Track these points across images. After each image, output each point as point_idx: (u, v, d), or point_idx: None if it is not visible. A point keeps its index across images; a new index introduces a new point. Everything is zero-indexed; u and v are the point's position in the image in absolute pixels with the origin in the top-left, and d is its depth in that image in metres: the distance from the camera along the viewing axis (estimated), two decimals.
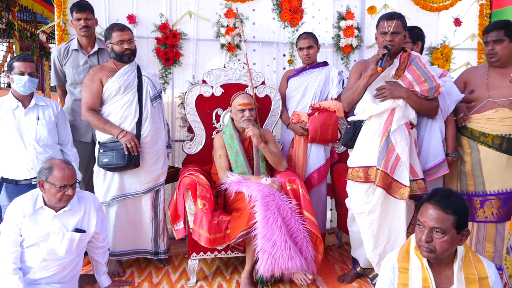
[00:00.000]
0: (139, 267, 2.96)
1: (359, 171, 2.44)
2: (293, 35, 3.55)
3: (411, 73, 2.41)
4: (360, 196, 2.47)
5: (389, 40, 2.38)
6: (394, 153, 2.33)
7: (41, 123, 2.51)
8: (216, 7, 3.44)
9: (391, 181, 2.33)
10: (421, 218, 1.61)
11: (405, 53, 2.45)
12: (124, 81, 2.67)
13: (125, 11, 3.31)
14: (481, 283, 1.61)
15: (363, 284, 2.73)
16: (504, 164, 2.46)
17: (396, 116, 2.35)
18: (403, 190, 2.32)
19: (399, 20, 2.38)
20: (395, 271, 1.70)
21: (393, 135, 2.33)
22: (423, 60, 2.45)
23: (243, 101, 2.84)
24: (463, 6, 3.87)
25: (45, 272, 2.17)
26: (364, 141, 2.46)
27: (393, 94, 2.38)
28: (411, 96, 2.38)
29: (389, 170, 2.32)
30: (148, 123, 2.73)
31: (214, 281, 2.78)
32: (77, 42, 2.93)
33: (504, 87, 2.50)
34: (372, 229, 2.44)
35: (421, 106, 2.42)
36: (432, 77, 2.39)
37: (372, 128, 2.44)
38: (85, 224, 2.26)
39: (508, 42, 2.47)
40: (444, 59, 3.85)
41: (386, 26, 2.38)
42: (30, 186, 2.44)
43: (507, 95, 2.47)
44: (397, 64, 2.43)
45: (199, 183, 2.62)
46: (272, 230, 2.44)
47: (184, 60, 3.45)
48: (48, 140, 2.53)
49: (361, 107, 2.49)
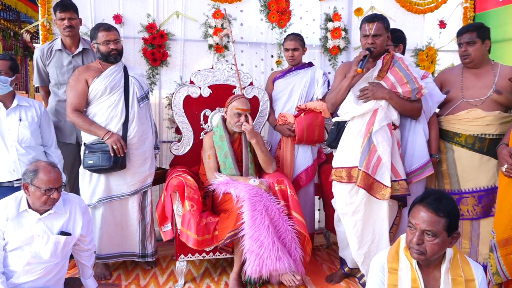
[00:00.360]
0: (126, 270, 2.93)
1: (342, 172, 2.47)
2: (281, 36, 3.56)
3: (394, 75, 2.44)
4: (344, 196, 2.50)
5: (370, 42, 2.40)
6: (376, 154, 2.35)
7: (24, 124, 2.47)
8: (204, 8, 3.43)
9: (372, 181, 2.36)
10: (412, 220, 1.61)
11: (388, 54, 2.47)
12: (110, 82, 2.64)
13: (111, 11, 3.27)
14: (467, 285, 1.62)
15: (351, 283, 2.75)
16: (477, 163, 2.53)
17: (378, 117, 2.38)
18: (384, 191, 2.35)
19: (380, 22, 2.39)
20: (385, 272, 1.71)
21: (375, 136, 2.36)
22: (406, 62, 2.48)
23: (242, 106, 2.80)
24: (448, 9, 3.94)
25: (29, 276, 2.13)
26: (347, 142, 2.49)
27: (375, 95, 2.40)
28: (393, 97, 2.41)
29: (371, 170, 2.35)
30: (135, 124, 2.70)
31: (202, 282, 2.77)
32: (61, 42, 2.88)
33: (477, 87, 2.56)
34: (356, 229, 2.47)
35: (403, 107, 2.44)
36: (415, 78, 2.42)
37: (355, 129, 2.46)
38: (71, 226, 2.22)
39: (481, 43, 2.53)
40: (429, 61, 3.91)
41: (367, 28, 2.41)
42: (12, 189, 2.39)
43: (479, 95, 2.54)
44: (380, 66, 2.46)
45: (187, 185, 2.61)
46: (259, 230, 2.44)
47: (171, 60, 3.43)
48: (31, 142, 2.49)
49: (344, 108, 2.52)
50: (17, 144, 2.44)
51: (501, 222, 2.19)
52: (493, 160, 2.48)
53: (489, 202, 2.52)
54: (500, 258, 2.18)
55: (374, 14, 2.53)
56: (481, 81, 2.55)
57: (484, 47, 2.54)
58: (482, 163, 2.52)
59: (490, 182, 2.51)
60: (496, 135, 2.49)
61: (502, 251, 2.17)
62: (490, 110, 2.50)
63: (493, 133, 2.49)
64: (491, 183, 2.51)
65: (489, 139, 2.50)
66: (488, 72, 2.55)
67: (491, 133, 2.50)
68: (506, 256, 2.16)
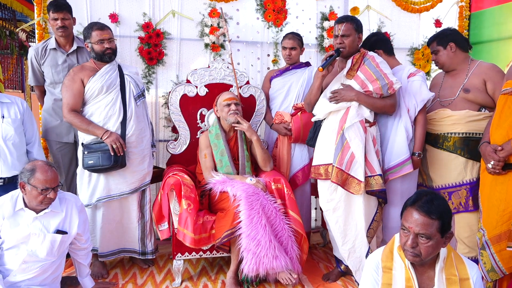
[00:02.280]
0: (123, 268, 2.93)
1: (320, 169, 2.55)
2: (277, 35, 3.57)
3: (363, 72, 2.51)
4: (324, 193, 2.58)
5: (339, 42, 2.51)
6: (350, 150, 2.43)
7: (7, 121, 2.43)
8: (200, 7, 3.43)
9: (346, 177, 2.44)
10: (405, 224, 1.60)
11: (358, 53, 2.54)
12: (106, 80, 2.63)
13: (107, 9, 3.26)
14: (462, 284, 1.62)
15: (348, 282, 2.76)
16: (444, 161, 2.61)
17: (349, 115, 2.46)
18: (358, 186, 2.42)
19: (349, 23, 2.50)
20: (379, 271, 1.71)
21: (347, 132, 2.44)
22: (377, 59, 2.54)
23: (228, 96, 2.86)
24: (444, 8, 3.95)
25: (26, 274, 2.12)
26: (323, 139, 2.59)
27: (344, 98, 2.49)
28: (361, 97, 2.48)
29: (344, 166, 2.43)
30: (133, 122, 2.70)
31: (199, 281, 2.77)
32: (55, 41, 2.87)
33: (450, 87, 2.63)
34: (339, 226, 2.54)
35: (373, 105, 2.51)
36: (385, 75, 2.48)
37: (329, 126, 2.55)
38: (67, 225, 2.22)
39: (443, 49, 2.62)
40: (425, 60, 3.92)
41: (336, 29, 2.52)
42: None
43: (450, 95, 2.61)
44: (349, 65, 2.53)
45: (183, 183, 2.61)
46: (256, 229, 2.45)
47: (167, 59, 3.42)
48: (15, 138, 2.44)
49: (318, 107, 2.60)
50: (1, 141, 2.40)
51: (491, 219, 2.21)
52: (460, 158, 2.55)
53: (459, 198, 2.57)
54: (494, 255, 2.20)
55: (345, 16, 2.67)
56: (455, 81, 2.62)
57: (448, 51, 2.61)
58: (450, 161, 2.59)
59: (457, 178, 2.56)
60: (462, 133, 2.54)
61: (495, 248, 2.19)
62: (460, 109, 2.55)
63: (459, 131, 2.55)
64: (459, 179, 2.56)
65: (454, 138, 2.56)
66: (462, 72, 2.60)
67: (457, 132, 2.55)
68: (500, 251, 2.18)
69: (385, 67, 2.51)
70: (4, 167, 2.40)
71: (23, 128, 2.52)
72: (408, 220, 1.60)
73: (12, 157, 2.42)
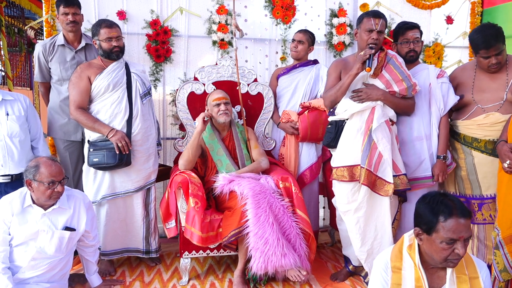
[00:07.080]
0: (130, 266, 2.93)
1: (344, 171, 2.46)
2: (286, 32, 3.54)
3: (389, 72, 2.45)
4: (345, 194, 2.50)
5: (375, 38, 2.40)
6: (377, 151, 2.38)
7: (12, 118, 2.43)
8: (208, 4, 3.41)
9: (375, 178, 2.38)
10: (454, 236, 1.53)
11: (382, 52, 2.47)
12: (112, 78, 2.63)
13: (115, 7, 3.25)
14: (471, 282, 1.63)
15: (356, 282, 2.73)
16: (498, 168, 2.40)
17: (376, 115, 2.40)
18: (387, 187, 2.37)
19: (384, 20, 2.44)
20: (388, 271, 1.70)
21: (375, 133, 2.38)
22: (399, 59, 2.50)
23: (217, 95, 2.84)
24: (455, 4, 3.88)
25: (34, 271, 2.13)
26: (347, 140, 2.49)
27: (370, 97, 2.42)
28: (387, 97, 2.43)
29: (373, 167, 2.37)
30: (138, 121, 2.70)
31: (206, 280, 2.76)
32: (63, 37, 2.86)
33: (492, 90, 2.45)
34: (359, 226, 2.47)
35: (397, 106, 2.47)
36: (409, 76, 2.45)
37: (354, 127, 2.47)
38: (75, 222, 2.22)
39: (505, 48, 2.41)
40: (436, 57, 3.86)
41: (373, 23, 2.39)
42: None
43: (495, 99, 2.43)
44: (376, 63, 2.45)
45: (191, 181, 2.60)
46: (264, 228, 2.43)
47: (175, 57, 3.41)
48: (20, 135, 2.45)
49: (342, 106, 2.51)
50: (7, 139, 2.41)
51: (506, 219, 2.18)
52: None
53: (489, 211, 2.46)
54: (507, 255, 2.17)
55: (377, 11, 2.55)
56: (495, 82, 2.44)
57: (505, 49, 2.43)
58: None
59: None
60: None
61: (509, 247, 2.16)
62: (509, 112, 2.36)
63: None
64: None
65: None
66: (501, 72, 2.44)
67: None
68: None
69: (405, 67, 2.48)
70: (12, 164, 2.41)
71: (27, 125, 2.53)
72: (456, 231, 1.53)
73: (19, 154, 2.43)
